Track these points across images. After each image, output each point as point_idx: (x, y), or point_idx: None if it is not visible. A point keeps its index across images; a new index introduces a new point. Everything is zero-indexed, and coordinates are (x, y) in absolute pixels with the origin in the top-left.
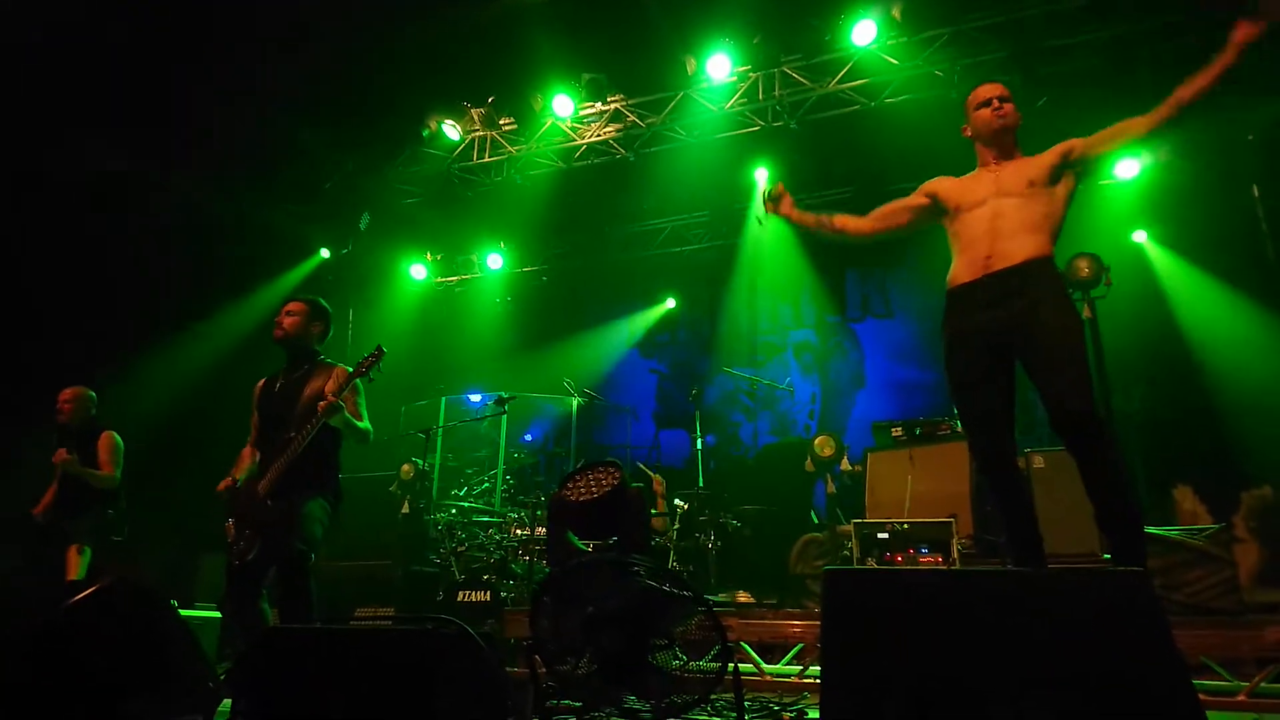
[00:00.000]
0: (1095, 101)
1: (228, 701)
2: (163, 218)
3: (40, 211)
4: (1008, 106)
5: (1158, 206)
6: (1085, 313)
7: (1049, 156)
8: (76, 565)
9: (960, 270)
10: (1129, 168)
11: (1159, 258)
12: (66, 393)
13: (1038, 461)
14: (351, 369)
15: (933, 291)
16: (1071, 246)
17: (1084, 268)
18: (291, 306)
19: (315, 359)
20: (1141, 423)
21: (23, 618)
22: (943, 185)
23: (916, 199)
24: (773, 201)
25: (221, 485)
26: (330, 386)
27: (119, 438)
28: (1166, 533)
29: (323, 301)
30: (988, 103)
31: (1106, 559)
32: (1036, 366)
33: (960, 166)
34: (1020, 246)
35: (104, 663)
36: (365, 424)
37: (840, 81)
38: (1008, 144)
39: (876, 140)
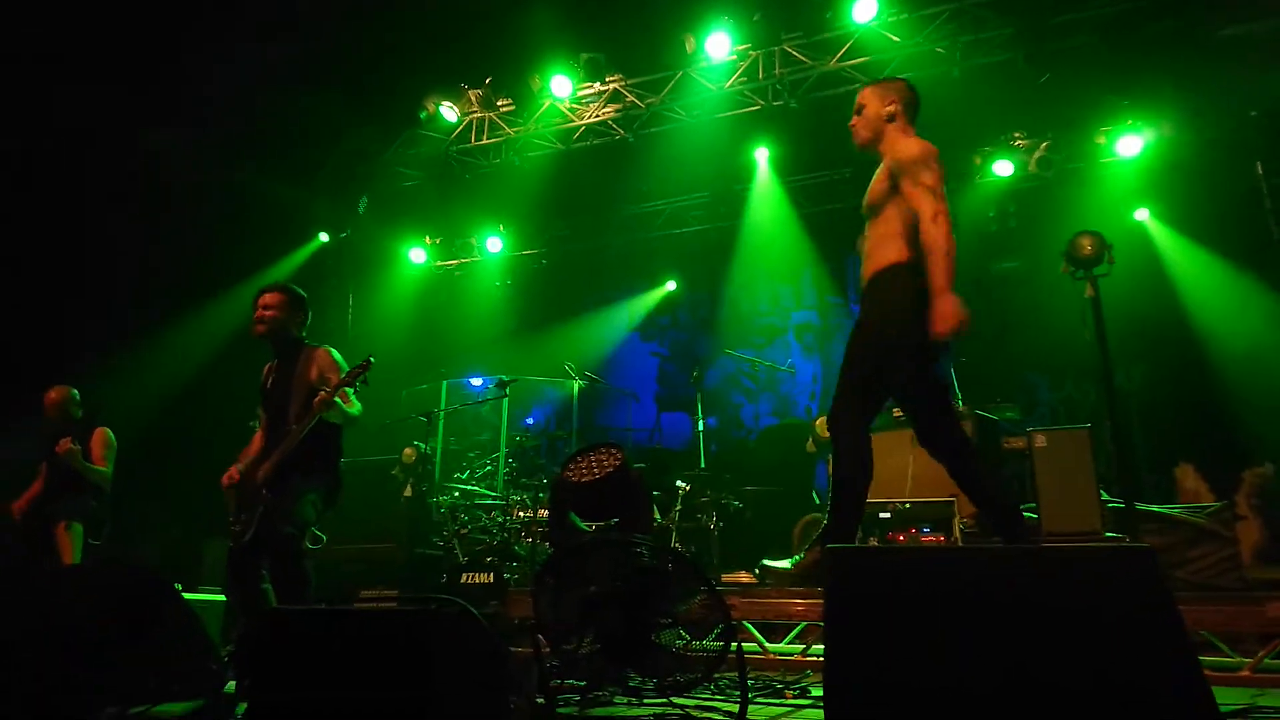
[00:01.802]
0: (1096, 79)
1: (233, 683)
2: (156, 196)
3: (33, 190)
4: (855, 120)
5: (1160, 184)
6: (1088, 291)
7: (882, 172)
8: (69, 547)
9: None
10: (1131, 145)
11: (1161, 235)
12: (51, 394)
13: (1040, 440)
14: (342, 369)
15: None
16: (1074, 224)
17: (1086, 245)
18: (268, 299)
19: (300, 346)
20: (1143, 401)
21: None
22: None
23: None
24: None
25: (224, 479)
26: (328, 376)
27: (112, 435)
28: (1169, 511)
29: (298, 288)
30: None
31: (1109, 537)
32: None
33: (962, 143)
34: (871, 260)
35: (100, 641)
36: (355, 408)
37: (841, 59)
38: (872, 153)
39: None
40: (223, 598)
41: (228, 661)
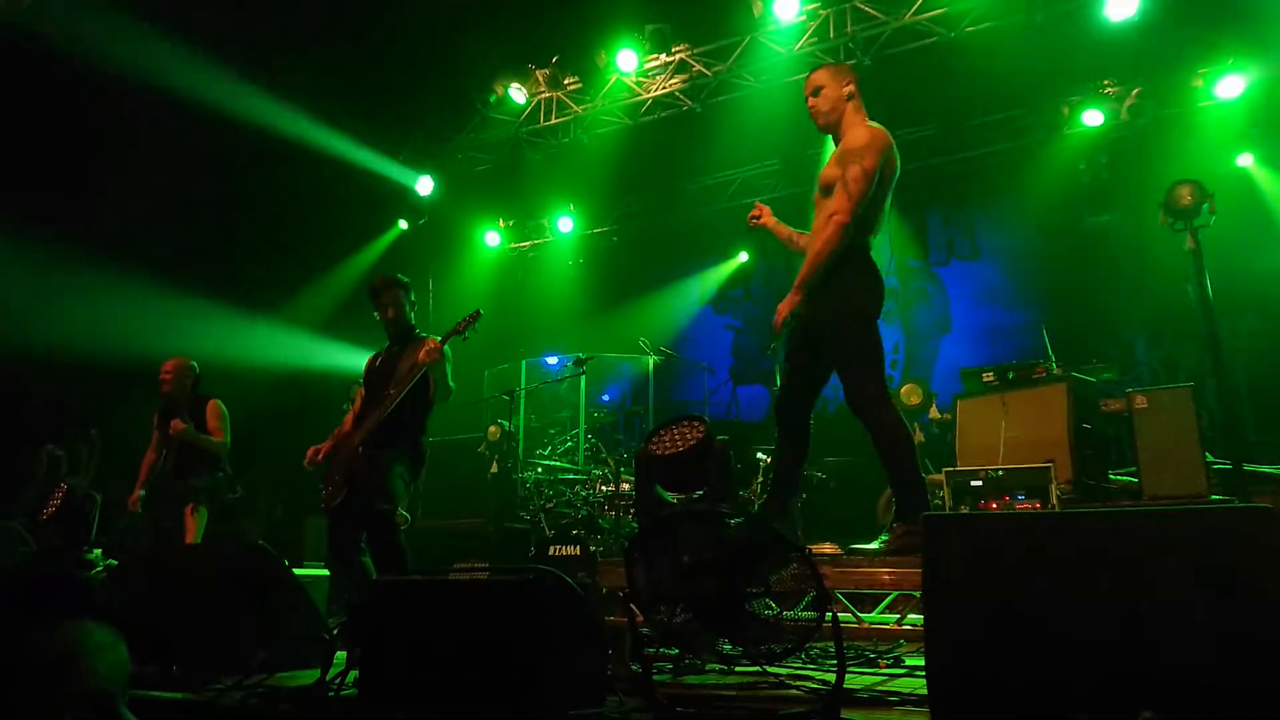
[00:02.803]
0: (1192, 15)
1: (343, 653)
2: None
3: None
4: (814, 101)
5: (1265, 127)
6: (1188, 244)
7: (834, 156)
8: (194, 527)
9: None
10: (1232, 86)
11: (1267, 181)
12: (168, 364)
13: (1140, 402)
14: (450, 329)
15: (1021, 230)
16: (1171, 173)
17: (1185, 195)
18: (389, 297)
19: (413, 333)
20: (1250, 358)
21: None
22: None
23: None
24: (754, 220)
25: (308, 457)
26: (427, 348)
27: (224, 405)
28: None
29: (403, 276)
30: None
31: (1215, 500)
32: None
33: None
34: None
35: (224, 616)
36: (450, 384)
37: (916, 13)
38: (831, 135)
39: (958, 73)
40: (325, 572)
41: (338, 632)
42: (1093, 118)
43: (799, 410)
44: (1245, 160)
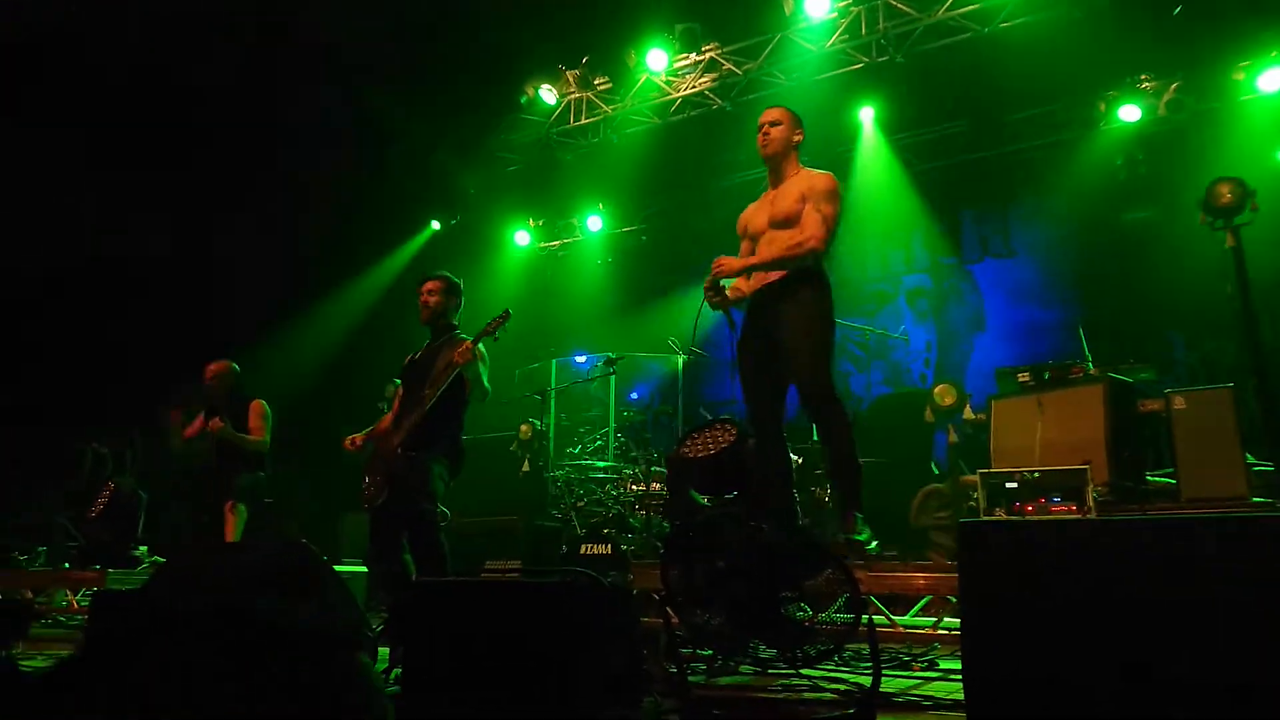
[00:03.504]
0: (1233, 5)
1: (384, 650)
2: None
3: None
4: (771, 130)
5: None
6: (1229, 242)
7: (794, 194)
8: (233, 525)
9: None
10: (1275, 79)
11: None
12: (212, 366)
13: (1179, 402)
14: (480, 331)
15: (1057, 227)
16: (1211, 170)
17: (1226, 193)
18: (431, 286)
19: (451, 332)
20: None
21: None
22: (742, 218)
23: (743, 242)
24: (713, 291)
25: (346, 442)
26: (461, 349)
27: (267, 405)
28: None
29: (453, 276)
30: (759, 128)
31: (1256, 503)
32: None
33: (1083, 89)
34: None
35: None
36: (486, 385)
37: (950, 9)
38: (776, 169)
39: (991, 69)
40: (364, 569)
41: (380, 630)
42: (1130, 113)
43: (777, 414)
44: None
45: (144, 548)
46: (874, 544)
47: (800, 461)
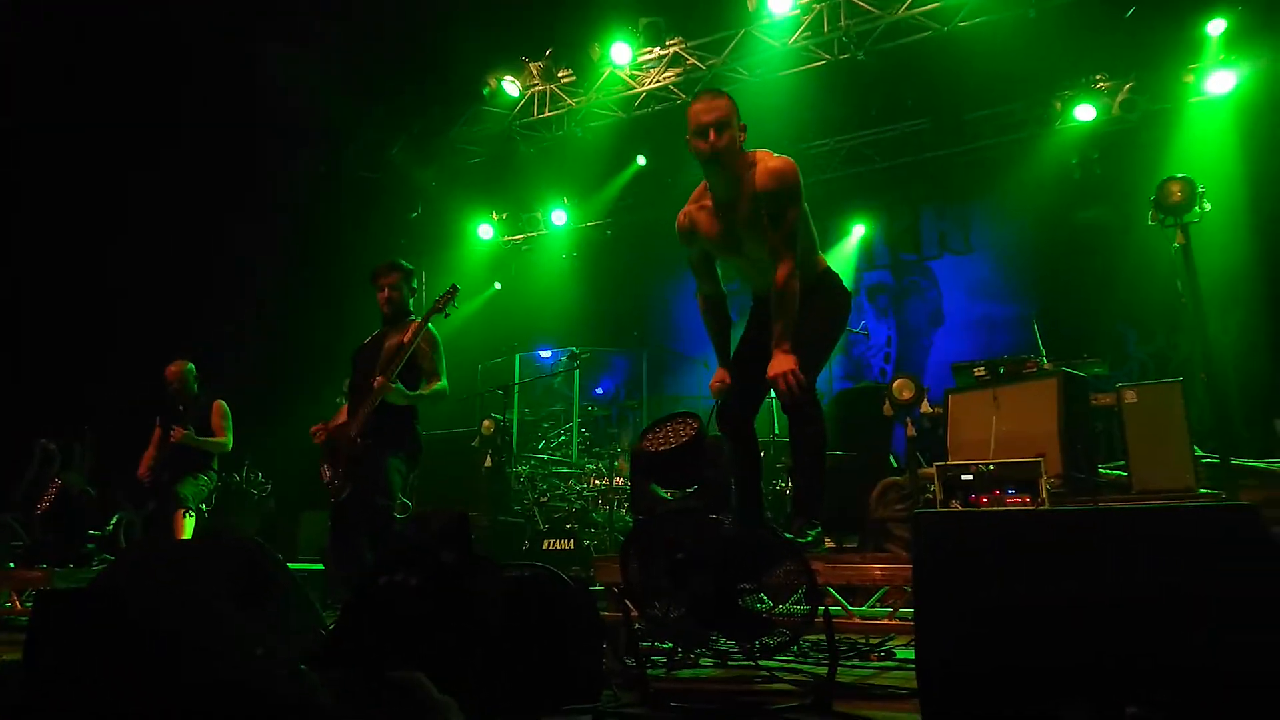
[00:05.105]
0: (1183, 10)
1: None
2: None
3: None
4: (725, 137)
5: (1255, 122)
6: (1178, 240)
7: (750, 206)
8: (183, 527)
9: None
10: (1223, 81)
11: (1256, 176)
12: (171, 367)
13: (1129, 396)
14: (429, 308)
15: (1014, 225)
16: (1162, 168)
17: (1176, 192)
18: (389, 279)
19: (406, 318)
20: (1239, 352)
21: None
22: (685, 223)
23: (693, 250)
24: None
25: (314, 429)
26: (407, 336)
27: (227, 405)
28: (1268, 465)
29: (404, 261)
30: (699, 130)
31: (1204, 494)
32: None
33: (1041, 88)
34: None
35: (218, 612)
36: (443, 383)
37: (910, 7)
38: (725, 168)
39: (951, 68)
40: (320, 567)
41: (334, 629)
42: (1085, 112)
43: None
44: (1234, 155)
45: (91, 546)
46: (824, 546)
47: (762, 454)
